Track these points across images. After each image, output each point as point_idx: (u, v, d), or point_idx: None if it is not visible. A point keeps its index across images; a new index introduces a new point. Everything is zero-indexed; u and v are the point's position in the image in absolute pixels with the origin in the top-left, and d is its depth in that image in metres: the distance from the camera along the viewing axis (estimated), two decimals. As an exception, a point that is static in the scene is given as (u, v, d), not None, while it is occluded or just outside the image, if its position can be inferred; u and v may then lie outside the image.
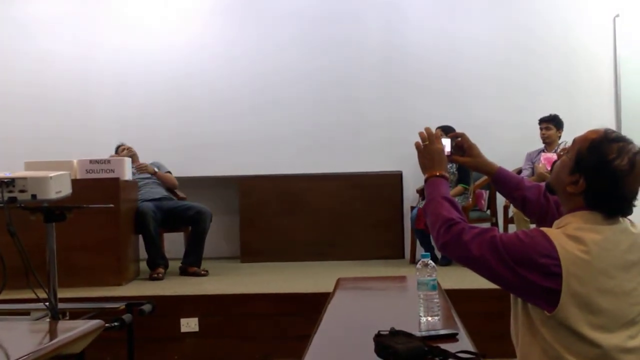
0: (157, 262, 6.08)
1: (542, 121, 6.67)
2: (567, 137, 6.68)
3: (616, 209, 2.05)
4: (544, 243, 1.98)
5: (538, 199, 2.42)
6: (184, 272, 6.21)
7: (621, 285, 1.98)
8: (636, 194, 2.05)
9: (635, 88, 7.17)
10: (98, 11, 7.57)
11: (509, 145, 7.05)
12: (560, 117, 6.67)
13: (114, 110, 7.46)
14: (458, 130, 6.70)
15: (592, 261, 1.95)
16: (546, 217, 2.36)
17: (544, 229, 2.04)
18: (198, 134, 7.41)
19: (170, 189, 6.67)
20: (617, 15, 7.20)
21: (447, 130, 6.78)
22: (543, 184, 2.38)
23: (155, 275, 5.97)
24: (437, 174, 2.31)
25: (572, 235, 1.99)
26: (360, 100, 7.41)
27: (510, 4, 7.35)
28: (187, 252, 6.31)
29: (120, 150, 6.71)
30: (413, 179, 7.07)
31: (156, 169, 6.66)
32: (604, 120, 7.14)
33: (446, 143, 2.46)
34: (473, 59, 7.32)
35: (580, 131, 6.32)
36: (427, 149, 2.39)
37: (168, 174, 6.70)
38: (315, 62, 7.42)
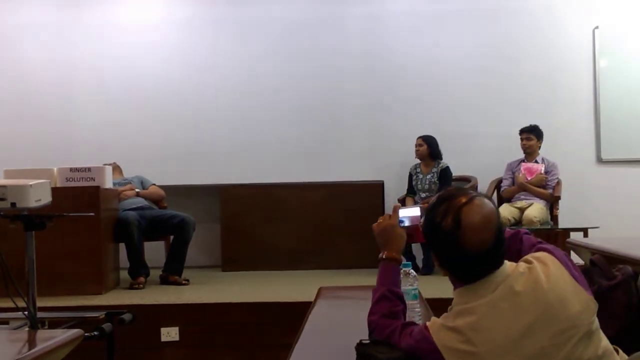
0: (139, 271, 6.04)
1: (523, 132, 6.72)
2: (547, 147, 6.75)
3: (475, 271, 1.88)
4: (426, 346, 1.88)
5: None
6: (164, 281, 6.18)
7: (525, 353, 1.80)
8: (486, 244, 1.83)
9: (614, 98, 7.24)
10: (77, 19, 7.52)
11: (489, 155, 7.12)
12: (541, 127, 6.72)
13: (94, 119, 7.43)
14: (439, 138, 6.81)
15: (478, 351, 1.81)
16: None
17: (429, 324, 1.93)
18: (179, 143, 7.39)
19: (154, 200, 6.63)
20: (597, 27, 7.28)
21: (427, 140, 6.83)
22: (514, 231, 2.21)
23: (137, 285, 5.94)
24: (384, 256, 2.25)
25: (450, 327, 1.87)
26: (342, 110, 7.43)
27: (491, 14, 7.40)
28: (168, 260, 6.28)
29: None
30: (395, 189, 7.10)
31: (140, 184, 6.60)
32: (583, 130, 7.23)
33: (414, 212, 2.34)
34: (454, 69, 7.37)
35: (561, 141, 6.42)
36: (380, 226, 2.29)
37: (153, 188, 6.64)
38: (296, 71, 7.43)
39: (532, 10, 7.39)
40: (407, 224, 2.31)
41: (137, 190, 6.49)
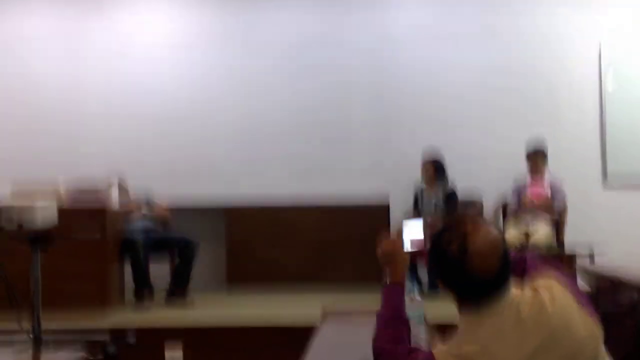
0: (144, 291, 6.04)
1: (530, 156, 6.69)
2: (553, 165, 6.73)
3: (481, 298, 1.88)
4: None
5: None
6: (169, 301, 6.17)
7: None
8: (492, 271, 1.85)
9: (620, 116, 7.24)
10: (85, 33, 7.55)
11: (496, 172, 7.09)
12: (547, 145, 6.71)
13: (101, 134, 7.42)
14: (445, 155, 6.80)
15: None
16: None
17: (435, 351, 1.92)
18: (183, 164, 7.39)
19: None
20: (602, 45, 7.29)
21: (435, 163, 6.83)
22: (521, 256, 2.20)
23: (141, 307, 5.93)
24: (387, 280, 2.24)
25: (457, 354, 1.86)
26: (349, 127, 7.43)
27: (498, 32, 7.41)
28: (173, 281, 6.28)
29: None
30: (400, 206, 7.07)
31: (146, 204, 6.60)
32: (589, 148, 7.23)
33: (417, 226, 2.35)
34: (461, 87, 7.38)
35: (566, 159, 6.39)
36: (383, 249, 2.28)
37: (160, 211, 6.65)
38: (301, 94, 7.44)
39: (538, 29, 7.39)
40: (410, 246, 2.30)
41: (144, 212, 6.50)
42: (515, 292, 1.90)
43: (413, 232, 2.35)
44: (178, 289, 6.21)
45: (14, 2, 7.63)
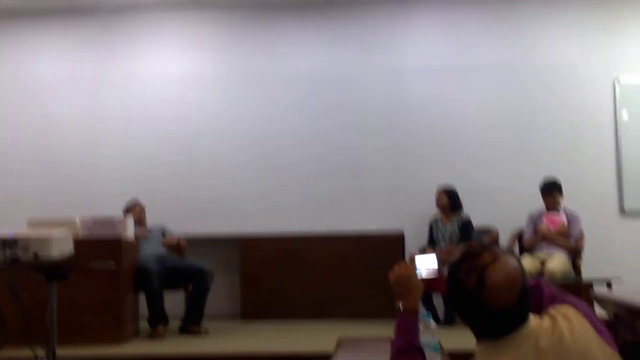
0: (158, 320, 6.04)
1: (545, 190, 6.65)
2: (569, 199, 6.70)
3: (498, 329, 1.85)
4: None
5: None
6: (184, 330, 6.17)
7: None
8: (510, 303, 1.81)
9: (636, 151, 7.22)
10: (103, 73, 7.67)
11: (511, 205, 7.08)
12: (563, 179, 6.68)
13: (118, 170, 7.51)
14: (461, 190, 6.80)
15: None
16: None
17: None
18: (199, 194, 7.44)
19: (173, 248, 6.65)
20: (617, 79, 7.29)
21: (448, 192, 6.83)
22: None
23: (156, 336, 5.93)
24: (402, 307, 2.23)
25: None
26: (362, 162, 7.45)
27: (510, 69, 7.44)
28: (187, 310, 6.28)
29: (133, 209, 6.69)
30: (415, 238, 7.06)
31: (162, 234, 6.66)
32: (605, 182, 7.19)
33: (430, 260, 2.34)
34: (474, 124, 7.40)
35: (583, 193, 6.36)
36: (396, 275, 2.26)
37: (177, 240, 6.66)
38: (317, 125, 7.50)
39: (553, 65, 7.41)
40: (424, 274, 2.29)
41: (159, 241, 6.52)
42: (534, 322, 1.87)
43: (426, 261, 2.34)
44: (193, 318, 6.21)
45: (32, 45, 7.76)
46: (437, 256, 2.33)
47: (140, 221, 6.59)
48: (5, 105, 7.74)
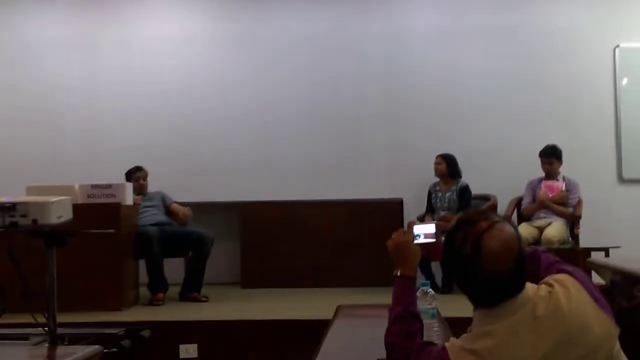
0: (159, 286, 6.07)
1: (545, 156, 6.65)
2: (568, 166, 6.70)
3: (494, 296, 1.85)
4: None
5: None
6: (184, 297, 6.20)
7: None
8: (506, 271, 1.82)
9: (636, 118, 7.20)
10: (102, 35, 7.63)
11: (509, 172, 7.08)
12: (561, 146, 6.67)
13: (116, 135, 7.49)
14: (458, 156, 6.79)
15: None
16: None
17: (448, 346, 1.91)
18: (199, 160, 7.43)
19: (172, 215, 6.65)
20: (617, 46, 7.25)
21: (447, 158, 6.82)
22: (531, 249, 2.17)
23: (156, 302, 5.96)
24: (399, 273, 2.22)
25: (469, 349, 1.85)
26: (361, 127, 7.44)
27: (511, 32, 7.39)
28: (187, 277, 6.30)
29: (137, 176, 6.64)
30: (414, 206, 7.07)
31: (162, 200, 6.65)
32: (604, 150, 7.18)
33: (429, 229, 2.30)
34: (473, 90, 7.36)
35: (582, 160, 6.36)
36: (394, 242, 2.27)
37: (175, 206, 6.67)
38: (317, 92, 7.46)
39: (552, 29, 7.36)
40: (422, 240, 2.29)
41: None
42: (531, 289, 1.88)
43: (425, 229, 2.34)
44: (192, 285, 6.24)
45: (28, 7, 7.67)
46: (436, 224, 2.32)
47: (142, 187, 6.59)
48: (1, 69, 7.68)
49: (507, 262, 1.82)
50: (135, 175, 6.63)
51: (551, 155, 6.64)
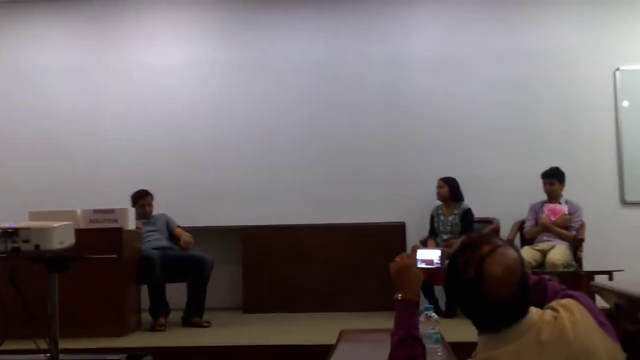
0: (160, 310, 6.05)
1: (546, 176, 6.66)
2: (570, 189, 6.69)
3: (498, 321, 1.83)
4: None
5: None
6: (186, 322, 6.18)
7: None
8: (509, 296, 1.79)
9: (638, 141, 7.20)
10: (103, 63, 7.67)
11: (511, 196, 7.07)
12: (563, 169, 6.67)
13: (118, 161, 7.51)
14: (460, 180, 6.79)
15: None
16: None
17: None
18: (201, 185, 7.44)
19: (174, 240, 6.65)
20: (618, 69, 7.27)
21: (448, 182, 6.82)
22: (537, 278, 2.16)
23: (158, 327, 5.95)
24: (400, 297, 2.21)
25: None
26: (363, 153, 7.43)
27: (509, 59, 7.41)
28: (189, 301, 6.29)
29: (142, 203, 6.63)
30: (416, 230, 7.06)
31: (166, 224, 6.67)
32: (606, 173, 7.18)
33: (434, 255, 2.31)
34: (473, 115, 7.37)
35: (584, 183, 6.34)
36: (397, 265, 2.26)
37: (178, 230, 6.69)
38: (317, 118, 7.48)
39: (552, 53, 7.38)
40: (424, 265, 2.28)
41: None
42: (536, 314, 1.86)
43: (428, 250, 2.33)
44: (194, 310, 6.22)
45: (31, 33, 7.74)
46: (442, 250, 2.31)
47: (147, 213, 6.60)
48: (2, 96, 7.72)
49: (510, 287, 1.80)
50: (140, 202, 6.64)
51: (552, 176, 6.64)
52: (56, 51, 7.74)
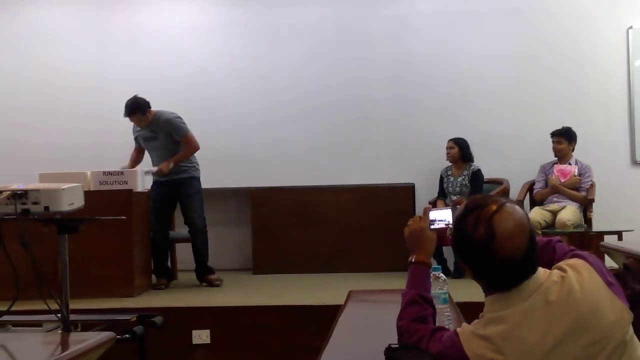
0: (160, 274, 6.23)
1: (554, 135, 6.62)
2: (580, 149, 6.66)
3: (508, 279, 1.84)
4: (455, 352, 1.87)
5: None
6: (200, 280, 6.29)
7: None
8: (521, 250, 1.81)
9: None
10: (113, 22, 7.60)
11: (521, 157, 7.03)
12: (574, 129, 6.62)
13: (126, 122, 7.48)
14: (470, 141, 6.76)
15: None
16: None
17: (459, 331, 1.92)
18: (210, 146, 7.37)
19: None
20: (631, 27, 7.16)
21: (459, 142, 6.79)
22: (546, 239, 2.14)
23: (157, 286, 6.09)
24: (413, 260, 2.23)
25: (481, 335, 1.85)
26: (372, 113, 7.39)
27: (520, 17, 7.30)
28: (196, 263, 6.34)
29: (133, 120, 6.47)
30: (425, 191, 7.05)
31: (169, 136, 6.40)
32: (617, 132, 7.13)
33: (446, 215, 2.30)
34: (483, 73, 7.28)
35: (594, 143, 6.30)
36: (410, 228, 2.27)
37: (183, 154, 6.43)
38: (325, 77, 7.40)
39: (563, 11, 7.27)
40: (437, 226, 2.28)
41: (171, 164, 6.25)
42: (543, 274, 1.87)
43: (439, 210, 2.33)
44: (200, 270, 6.28)
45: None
46: (452, 209, 2.31)
47: (142, 127, 6.49)
48: (12, 57, 7.68)
49: (521, 240, 1.82)
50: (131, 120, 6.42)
51: (560, 135, 6.58)
52: (64, 10, 7.67)
